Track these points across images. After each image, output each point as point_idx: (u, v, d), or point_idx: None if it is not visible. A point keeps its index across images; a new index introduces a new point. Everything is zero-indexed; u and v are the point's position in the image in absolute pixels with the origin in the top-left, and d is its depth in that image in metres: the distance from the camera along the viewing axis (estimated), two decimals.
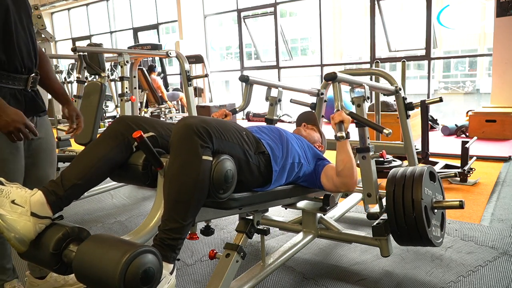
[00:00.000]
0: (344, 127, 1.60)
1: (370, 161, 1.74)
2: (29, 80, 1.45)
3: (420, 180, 1.64)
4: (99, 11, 11.94)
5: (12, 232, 1.11)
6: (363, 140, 1.74)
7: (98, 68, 3.01)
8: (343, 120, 1.60)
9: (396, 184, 1.69)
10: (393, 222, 1.67)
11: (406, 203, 1.62)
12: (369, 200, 1.77)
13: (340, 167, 1.61)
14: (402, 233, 1.66)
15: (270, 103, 2.25)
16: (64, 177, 1.25)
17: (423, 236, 1.61)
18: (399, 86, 2.32)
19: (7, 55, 1.36)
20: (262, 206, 1.57)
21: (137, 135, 1.18)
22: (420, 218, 1.59)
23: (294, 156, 1.61)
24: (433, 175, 1.76)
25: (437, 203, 1.70)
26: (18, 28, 1.40)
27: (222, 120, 1.40)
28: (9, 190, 1.15)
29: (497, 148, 4.48)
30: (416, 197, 1.61)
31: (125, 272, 0.98)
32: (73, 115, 1.67)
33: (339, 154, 1.62)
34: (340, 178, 1.62)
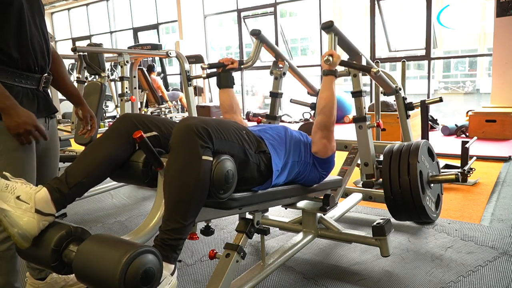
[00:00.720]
0: (332, 61, 1.63)
1: (367, 130, 1.74)
2: (42, 79, 1.42)
3: (417, 148, 1.64)
4: (99, 11, 11.94)
5: (15, 228, 1.11)
6: (360, 110, 1.75)
7: (98, 68, 3.01)
8: (332, 54, 1.64)
9: (394, 153, 1.69)
10: (387, 187, 1.67)
11: (401, 167, 1.63)
12: (366, 169, 1.77)
13: (322, 104, 1.65)
14: (396, 199, 1.65)
15: (275, 77, 2.24)
16: (69, 175, 1.25)
17: (417, 201, 1.59)
18: (399, 86, 2.32)
19: (20, 53, 1.33)
20: (262, 206, 1.57)
21: (138, 135, 1.18)
22: (414, 181, 1.58)
23: (296, 154, 1.61)
24: (431, 152, 1.76)
25: (433, 177, 1.70)
26: (32, 26, 1.38)
27: (222, 120, 1.40)
28: (14, 185, 1.15)
29: (497, 148, 4.48)
30: (412, 160, 1.61)
31: (126, 272, 0.98)
32: (87, 116, 1.64)
33: (323, 91, 1.66)
34: (320, 117, 1.65)
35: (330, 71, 1.66)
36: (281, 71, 2.23)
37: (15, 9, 1.30)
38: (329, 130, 1.66)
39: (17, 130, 1.25)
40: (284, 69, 2.23)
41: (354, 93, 1.76)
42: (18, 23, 1.32)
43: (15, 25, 1.31)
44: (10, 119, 1.24)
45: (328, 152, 1.69)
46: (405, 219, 1.74)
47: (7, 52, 1.30)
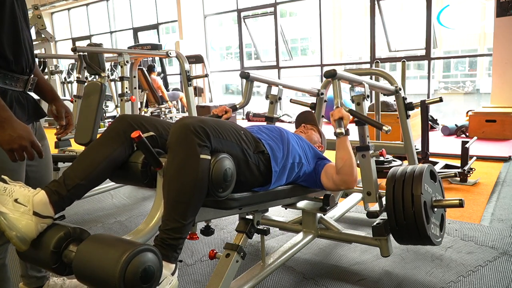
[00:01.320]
0: (343, 123, 1.60)
1: (370, 159, 1.74)
2: (29, 81, 1.35)
3: (420, 177, 1.64)
4: (99, 11, 11.94)
5: (14, 230, 1.11)
6: (363, 139, 1.74)
7: (98, 68, 3.01)
8: (343, 117, 1.59)
9: (396, 180, 1.69)
10: (392, 219, 1.67)
11: (405, 198, 1.62)
12: (368, 199, 1.77)
13: (339, 165, 1.60)
14: (401, 230, 1.66)
15: (270, 101, 2.25)
16: (67, 177, 1.24)
17: (422, 232, 1.60)
18: (399, 86, 2.32)
19: (14, 54, 1.26)
20: (262, 206, 1.57)
21: (135, 135, 1.18)
22: (419, 213, 1.59)
23: (294, 156, 1.61)
24: (434, 174, 1.76)
25: (437, 201, 1.71)
26: (23, 25, 1.31)
27: (220, 119, 1.40)
28: (12, 188, 1.14)
29: (497, 148, 4.48)
30: (416, 192, 1.61)
31: (125, 270, 0.98)
32: (62, 111, 1.51)
33: (339, 151, 1.62)
34: (340, 176, 1.61)
35: (343, 133, 1.60)
36: (277, 95, 2.24)
37: (7, 8, 1.23)
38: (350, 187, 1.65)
39: (10, 146, 1.13)
40: (279, 94, 2.25)
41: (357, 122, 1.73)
42: (11, 22, 1.25)
43: (8, 25, 1.24)
44: (3, 133, 1.12)
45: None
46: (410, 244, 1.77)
47: (1, 54, 1.23)
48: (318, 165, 1.72)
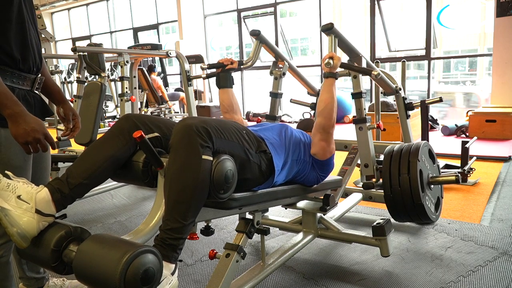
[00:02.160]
0: (333, 63, 1.63)
1: (367, 132, 1.74)
2: (36, 80, 1.36)
3: (418, 148, 1.64)
4: (99, 11, 11.94)
5: (15, 227, 1.11)
6: (360, 112, 1.75)
7: (98, 68, 3.01)
8: (332, 56, 1.64)
9: (394, 152, 1.69)
10: (387, 186, 1.67)
11: (402, 165, 1.63)
12: (366, 171, 1.77)
13: (321, 107, 1.64)
14: (395, 197, 1.65)
15: (275, 77, 2.24)
16: (70, 175, 1.24)
17: (416, 200, 1.59)
18: (399, 86, 2.32)
19: (22, 54, 1.28)
20: (262, 206, 1.57)
21: (137, 135, 1.18)
22: (414, 178, 1.58)
23: (296, 152, 1.61)
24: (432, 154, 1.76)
25: (433, 178, 1.70)
26: (30, 25, 1.33)
27: (222, 120, 1.40)
28: (15, 185, 1.14)
29: (497, 148, 4.48)
30: (413, 159, 1.61)
31: (126, 272, 0.98)
32: (70, 114, 1.52)
33: (323, 93, 1.66)
34: (319, 119, 1.64)
35: (331, 73, 1.66)
36: (281, 71, 2.23)
37: (15, 7, 1.25)
38: (328, 133, 1.66)
39: (25, 139, 1.16)
40: (283, 69, 2.24)
41: (354, 95, 1.76)
42: (19, 22, 1.27)
43: (16, 24, 1.26)
44: (17, 127, 1.15)
45: (327, 155, 1.69)
46: (405, 219, 1.73)
47: (9, 53, 1.24)
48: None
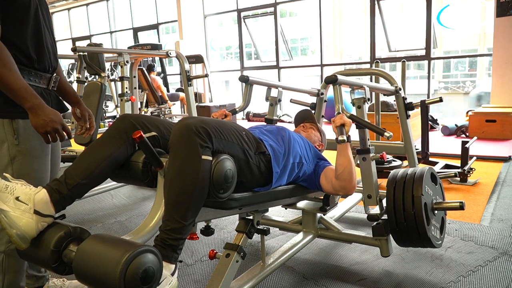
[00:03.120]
0: (345, 130, 1.59)
1: (371, 162, 1.74)
2: (52, 79, 1.43)
3: (421, 179, 1.64)
4: (99, 11, 11.94)
5: (14, 228, 1.11)
6: (363, 142, 1.74)
7: (98, 68, 3.01)
8: (344, 123, 1.59)
9: (397, 182, 1.69)
10: (392, 220, 1.67)
11: (406, 199, 1.63)
12: (369, 202, 1.77)
13: (339, 170, 1.60)
14: (401, 231, 1.66)
15: (270, 103, 2.25)
16: (68, 176, 1.25)
17: (422, 234, 1.61)
18: (399, 86, 2.32)
19: (37, 54, 1.35)
20: (262, 206, 1.57)
21: (137, 135, 1.18)
22: (419, 214, 1.59)
23: (295, 156, 1.61)
24: (434, 177, 1.77)
25: (438, 204, 1.71)
26: (45, 26, 1.40)
27: (222, 120, 1.40)
28: (14, 186, 1.15)
29: (497, 148, 4.48)
30: (417, 193, 1.61)
31: (125, 271, 0.98)
32: (86, 114, 1.61)
33: (339, 157, 1.61)
34: (339, 182, 1.61)
35: (344, 140, 1.59)
36: (276, 97, 2.25)
37: (32, 10, 1.32)
38: (348, 193, 1.66)
39: (44, 129, 1.24)
40: (279, 96, 2.25)
41: (357, 125, 1.72)
42: (35, 23, 1.34)
43: (32, 26, 1.33)
44: (37, 118, 1.23)
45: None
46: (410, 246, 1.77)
47: (25, 53, 1.31)
48: (318, 167, 1.72)
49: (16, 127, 1.31)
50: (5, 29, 1.25)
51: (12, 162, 1.32)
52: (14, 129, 1.31)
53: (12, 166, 1.32)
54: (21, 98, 1.22)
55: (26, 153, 1.34)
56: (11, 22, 1.26)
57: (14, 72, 1.21)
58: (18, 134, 1.32)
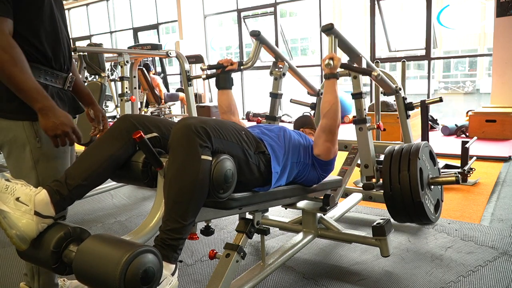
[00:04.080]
0: (333, 64, 1.62)
1: (367, 132, 1.74)
2: (68, 79, 1.40)
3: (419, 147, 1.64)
4: (99, 11, 11.94)
5: (14, 229, 1.11)
6: (360, 112, 1.75)
7: (98, 68, 3.01)
8: (333, 58, 1.63)
9: (395, 151, 1.69)
10: (387, 184, 1.66)
11: (402, 163, 1.62)
12: (366, 171, 1.76)
13: (326, 108, 1.64)
14: (395, 195, 1.64)
15: (274, 77, 2.23)
16: (69, 177, 1.24)
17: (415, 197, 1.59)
18: (399, 86, 2.32)
19: (54, 52, 1.33)
20: (262, 206, 1.57)
21: (137, 135, 1.18)
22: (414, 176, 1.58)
23: (295, 155, 1.61)
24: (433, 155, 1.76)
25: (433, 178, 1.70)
26: (61, 24, 1.37)
27: (221, 120, 1.40)
28: (14, 187, 1.14)
29: (497, 148, 4.48)
30: (413, 157, 1.61)
31: (125, 271, 0.98)
32: (99, 116, 1.59)
33: (326, 94, 1.65)
34: (324, 120, 1.64)
35: (332, 74, 1.65)
36: (281, 71, 2.23)
37: (47, 7, 1.29)
38: (334, 134, 1.66)
39: (54, 132, 1.22)
40: (283, 70, 2.23)
41: (354, 95, 1.75)
42: (50, 21, 1.31)
43: (48, 24, 1.30)
44: (47, 120, 1.20)
45: (331, 155, 1.70)
46: (404, 219, 1.73)
47: (42, 51, 1.29)
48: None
49: (37, 129, 1.28)
50: (20, 26, 1.22)
51: (36, 166, 1.30)
52: (35, 131, 1.29)
53: (36, 170, 1.30)
54: (31, 99, 1.20)
55: (49, 155, 1.32)
56: (25, 18, 1.23)
57: (25, 72, 1.18)
58: (40, 136, 1.29)
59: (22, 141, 1.29)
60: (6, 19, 1.17)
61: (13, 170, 1.33)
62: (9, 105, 1.26)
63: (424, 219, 1.67)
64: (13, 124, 1.28)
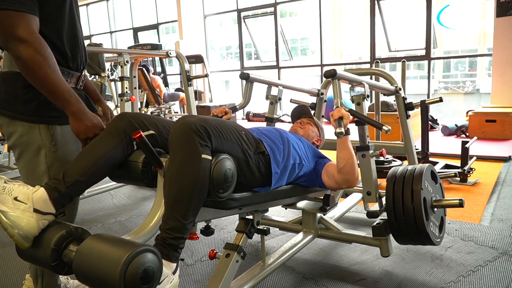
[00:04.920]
0: (343, 123, 1.59)
1: (370, 159, 1.74)
2: (81, 78, 1.38)
3: (421, 174, 1.64)
4: (99, 11, 11.95)
5: (15, 228, 1.11)
6: (363, 139, 1.74)
7: (98, 68, 3.01)
8: (343, 116, 1.59)
9: (397, 178, 1.69)
10: (391, 215, 1.67)
11: (405, 193, 1.63)
12: (368, 199, 1.77)
13: (341, 164, 1.61)
14: (400, 226, 1.66)
15: (270, 102, 2.25)
16: (66, 174, 1.24)
17: (421, 228, 1.60)
18: (399, 86, 2.32)
19: (72, 51, 1.31)
20: (262, 206, 1.57)
21: (137, 135, 1.18)
22: (418, 208, 1.58)
23: (295, 157, 1.61)
24: (434, 175, 1.77)
25: (437, 201, 1.71)
26: (79, 24, 1.35)
27: (221, 119, 1.39)
28: (11, 187, 1.14)
29: (497, 148, 4.48)
30: (416, 187, 1.61)
31: (125, 271, 0.98)
32: (108, 113, 1.57)
33: (340, 151, 1.62)
34: (342, 175, 1.62)
35: (343, 133, 1.58)
36: (277, 96, 2.24)
37: (67, 6, 1.27)
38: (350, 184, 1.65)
39: (86, 135, 1.23)
40: (279, 94, 2.25)
41: (357, 122, 1.73)
42: (70, 20, 1.29)
43: (68, 22, 1.28)
44: (80, 123, 1.21)
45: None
46: (409, 244, 1.76)
47: (61, 50, 1.26)
48: (318, 164, 1.72)
49: (53, 133, 1.28)
50: (42, 25, 1.18)
51: (49, 169, 1.29)
52: (51, 135, 1.28)
53: (49, 173, 1.30)
54: (65, 102, 1.18)
55: (64, 159, 1.31)
56: (48, 17, 1.21)
57: (57, 74, 1.17)
58: (56, 140, 1.28)
59: (37, 144, 1.27)
60: (34, 17, 1.14)
61: (24, 173, 1.32)
62: (26, 108, 1.24)
63: (429, 244, 1.70)
64: (28, 127, 1.26)
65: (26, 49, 1.10)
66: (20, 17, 1.10)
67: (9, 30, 1.09)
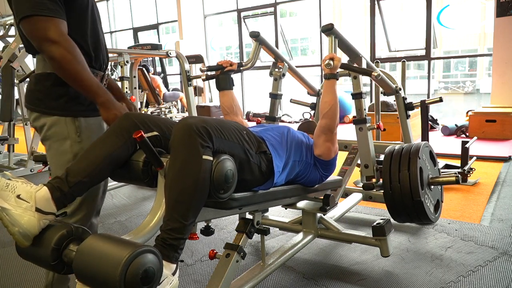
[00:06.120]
0: (333, 64, 1.63)
1: (367, 132, 1.74)
2: (104, 77, 1.46)
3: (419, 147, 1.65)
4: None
5: (16, 226, 1.11)
6: (360, 112, 1.75)
7: None
8: (333, 57, 1.64)
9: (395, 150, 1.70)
10: (386, 182, 1.66)
11: (402, 162, 1.63)
12: (366, 171, 1.77)
13: (325, 109, 1.65)
14: (394, 193, 1.65)
15: (274, 78, 2.24)
16: (69, 174, 1.24)
17: (415, 196, 1.59)
18: (399, 86, 2.32)
19: (95, 51, 1.39)
20: (262, 206, 1.57)
21: (138, 135, 1.18)
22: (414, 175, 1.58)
23: (297, 154, 1.61)
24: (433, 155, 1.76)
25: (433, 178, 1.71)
26: (100, 25, 1.43)
27: (223, 119, 1.40)
28: (14, 184, 1.14)
29: (497, 148, 4.48)
30: (413, 156, 1.61)
31: (126, 271, 0.98)
32: (132, 108, 1.61)
33: (326, 94, 1.66)
34: (324, 120, 1.65)
35: (332, 74, 1.65)
36: (281, 72, 2.23)
37: (89, 11, 1.36)
38: (333, 133, 1.67)
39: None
40: (283, 70, 2.23)
41: (354, 95, 1.76)
42: (92, 20, 1.37)
43: (90, 23, 1.36)
44: (109, 112, 1.32)
45: (332, 154, 1.71)
46: (404, 218, 1.74)
47: (85, 50, 1.34)
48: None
49: (78, 125, 1.37)
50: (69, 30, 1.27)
51: (74, 158, 1.36)
52: (76, 127, 1.37)
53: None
54: (95, 94, 1.29)
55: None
56: (73, 20, 1.29)
57: (86, 69, 1.27)
58: (80, 132, 1.37)
59: (64, 135, 1.36)
60: (63, 21, 1.25)
61: (53, 163, 1.41)
62: (57, 103, 1.34)
63: (424, 218, 1.67)
64: (57, 120, 1.35)
65: (57, 49, 1.21)
66: (50, 21, 1.21)
67: (42, 33, 1.21)
